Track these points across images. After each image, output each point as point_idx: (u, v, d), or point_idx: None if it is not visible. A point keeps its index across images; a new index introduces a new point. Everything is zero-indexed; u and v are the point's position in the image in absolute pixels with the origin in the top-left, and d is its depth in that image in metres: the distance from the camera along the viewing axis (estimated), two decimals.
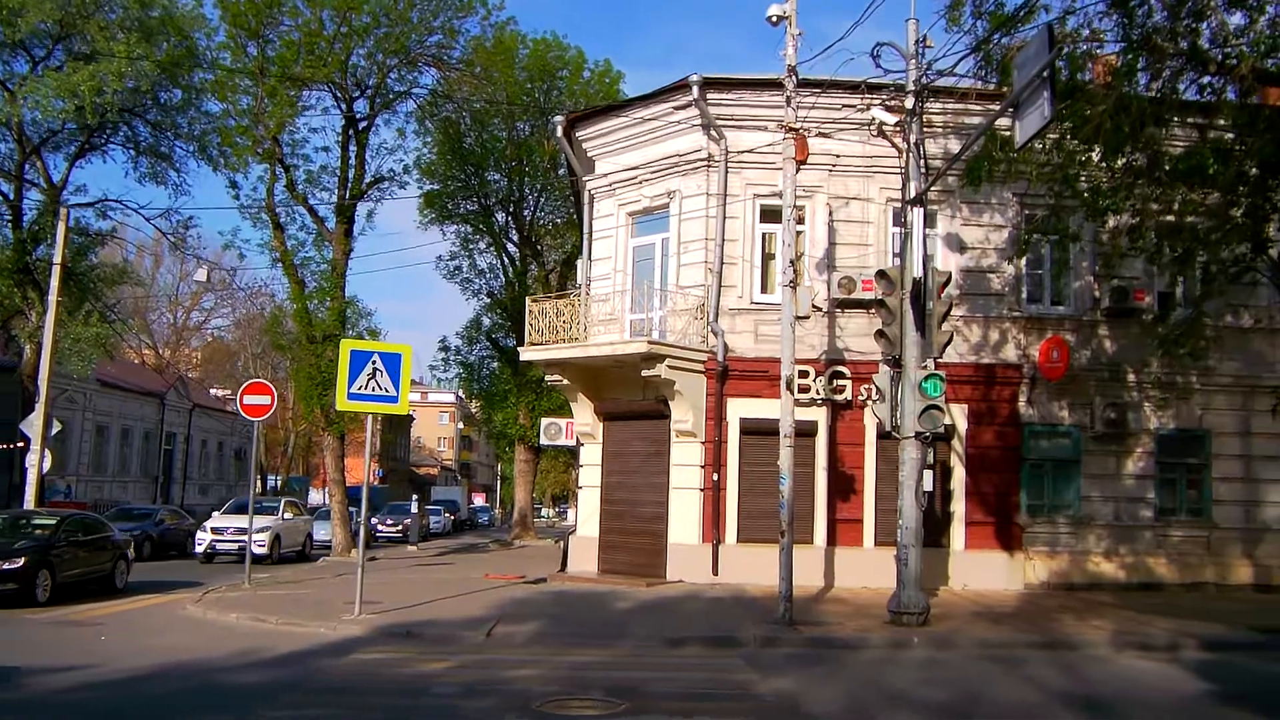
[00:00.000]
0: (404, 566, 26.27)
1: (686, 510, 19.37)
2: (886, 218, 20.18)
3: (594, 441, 21.04)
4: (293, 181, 29.67)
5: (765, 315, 19.73)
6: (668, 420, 19.72)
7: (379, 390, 15.01)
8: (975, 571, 19.47)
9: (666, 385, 19.03)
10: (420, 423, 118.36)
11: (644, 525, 20.02)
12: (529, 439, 38.29)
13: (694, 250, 19.98)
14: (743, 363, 19.52)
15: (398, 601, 16.42)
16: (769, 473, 18.81)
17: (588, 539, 20.92)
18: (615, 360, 19.37)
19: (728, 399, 19.53)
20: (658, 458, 19.99)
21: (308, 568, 25.84)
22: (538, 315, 20.23)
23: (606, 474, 20.85)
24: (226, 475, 59.26)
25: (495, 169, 39.98)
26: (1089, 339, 20.46)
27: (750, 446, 19.54)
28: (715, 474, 19.21)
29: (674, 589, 18.36)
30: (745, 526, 19.38)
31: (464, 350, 41.79)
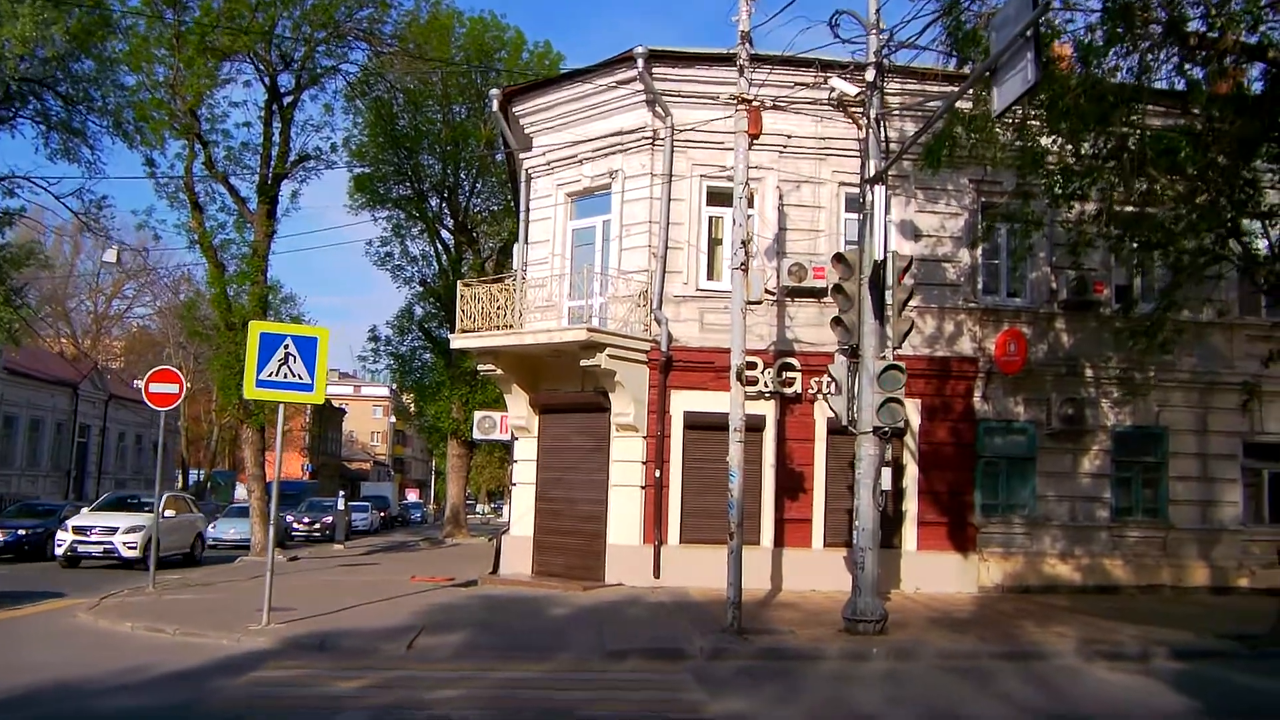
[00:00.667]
0: (327, 567, 24.81)
1: (627, 509, 18.25)
2: (839, 203, 19.24)
3: (529, 435, 19.83)
4: (212, 159, 27.97)
5: (712, 303, 18.70)
6: (608, 413, 18.59)
7: (292, 377, 13.68)
8: (928, 574, 18.61)
9: (606, 376, 17.89)
10: (353, 416, 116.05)
11: (582, 525, 18.87)
12: (462, 433, 36.92)
13: (637, 234, 18.85)
14: (688, 353, 18.45)
15: (314, 607, 15.07)
16: (715, 470, 17.85)
17: (521, 539, 19.71)
18: (552, 349, 18.19)
19: (671, 391, 18.45)
20: (597, 453, 18.85)
21: (225, 569, 24.25)
22: (470, 300, 18.95)
23: (542, 470, 19.66)
24: (146, 470, 56.77)
25: (430, 153, 38.50)
26: (1046, 332, 19.72)
27: (695, 442, 18.49)
28: (658, 470, 18.12)
29: (613, 593, 17.24)
30: (689, 526, 18.32)
31: (395, 341, 40.26)
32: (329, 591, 17.79)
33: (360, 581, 20.17)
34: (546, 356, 18.77)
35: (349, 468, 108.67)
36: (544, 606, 15.71)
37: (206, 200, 28.96)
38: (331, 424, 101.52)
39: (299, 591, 17.71)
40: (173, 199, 28.86)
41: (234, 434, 70.01)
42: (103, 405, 50.73)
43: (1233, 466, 20.13)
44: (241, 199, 28.61)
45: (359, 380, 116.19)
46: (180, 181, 28.36)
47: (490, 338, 18.39)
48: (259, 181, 28.03)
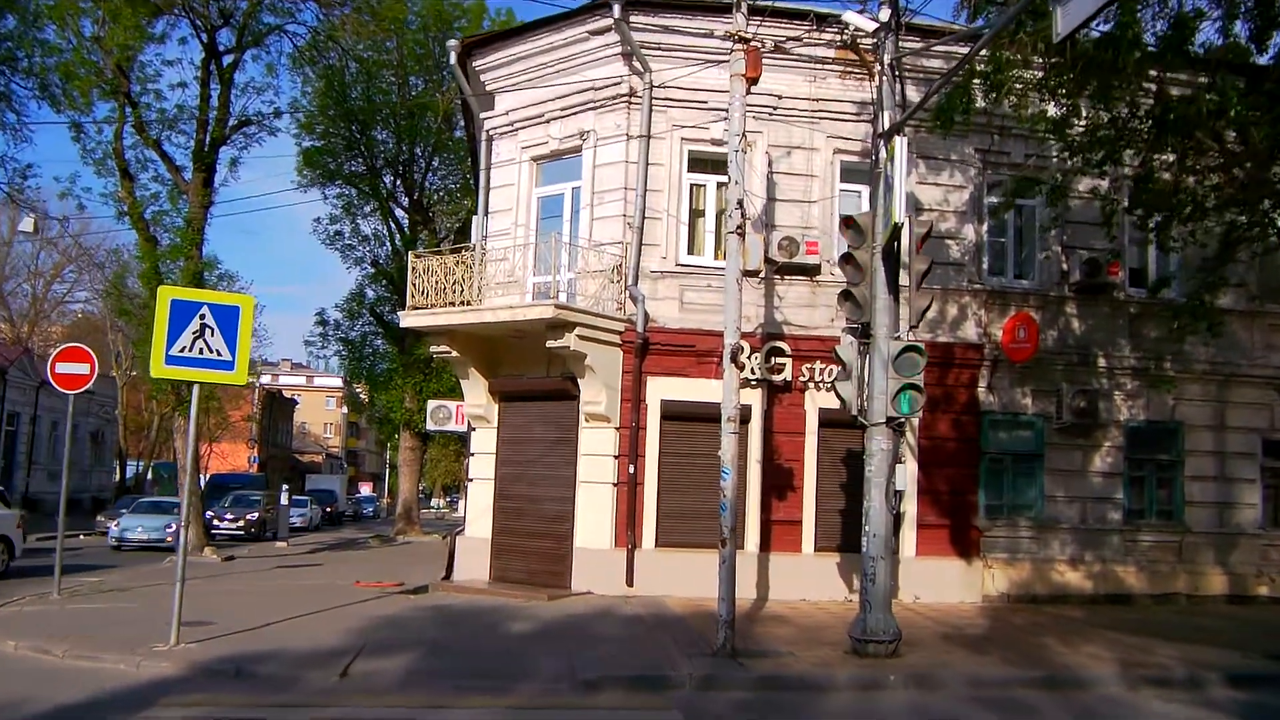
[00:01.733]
0: (264, 569, 22.64)
1: (597, 508, 16.33)
2: (834, 171, 17.42)
3: (488, 426, 17.83)
4: (143, 122, 25.67)
5: (692, 280, 16.82)
6: (576, 401, 16.66)
7: (209, 353, 11.64)
8: (928, 582, 16.87)
9: (576, 360, 15.96)
10: (306, 408, 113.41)
11: (546, 526, 16.92)
12: (415, 425, 34.77)
13: (610, 202, 16.91)
14: (666, 335, 16.55)
15: (238, 620, 13.04)
16: (695, 465, 16.08)
17: (478, 541, 17.71)
18: (515, 328, 16.21)
19: (648, 377, 16.55)
20: (564, 446, 16.90)
21: (150, 571, 22.00)
22: (422, 274, 16.92)
23: (502, 464, 17.67)
24: (82, 460, 53.98)
25: (385, 127, 36.30)
26: (1056, 317, 18.03)
27: (673, 434, 16.62)
28: (631, 466, 16.21)
29: (582, 603, 15.31)
30: (666, 528, 16.44)
31: (345, 326, 37.95)
32: (259, 600, 15.73)
33: (298, 587, 18.09)
34: (508, 337, 16.80)
35: (301, 460, 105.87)
36: (504, 620, 13.75)
37: (138, 168, 26.75)
38: (283, 415, 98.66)
39: (225, 600, 15.64)
40: (100, 166, 26.65)
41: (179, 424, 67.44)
42: (33, 391, 47.85)
43: (1251, 466, 18.58)
44: (176, 166, 26.38)
45: (312, 371, 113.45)
46: (109, 147, 26.19)
47: (445, 315, 16.38)
48: (195, 147, 25.77)
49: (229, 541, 31.69)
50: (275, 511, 33.66)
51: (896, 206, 11.27)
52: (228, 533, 32.80)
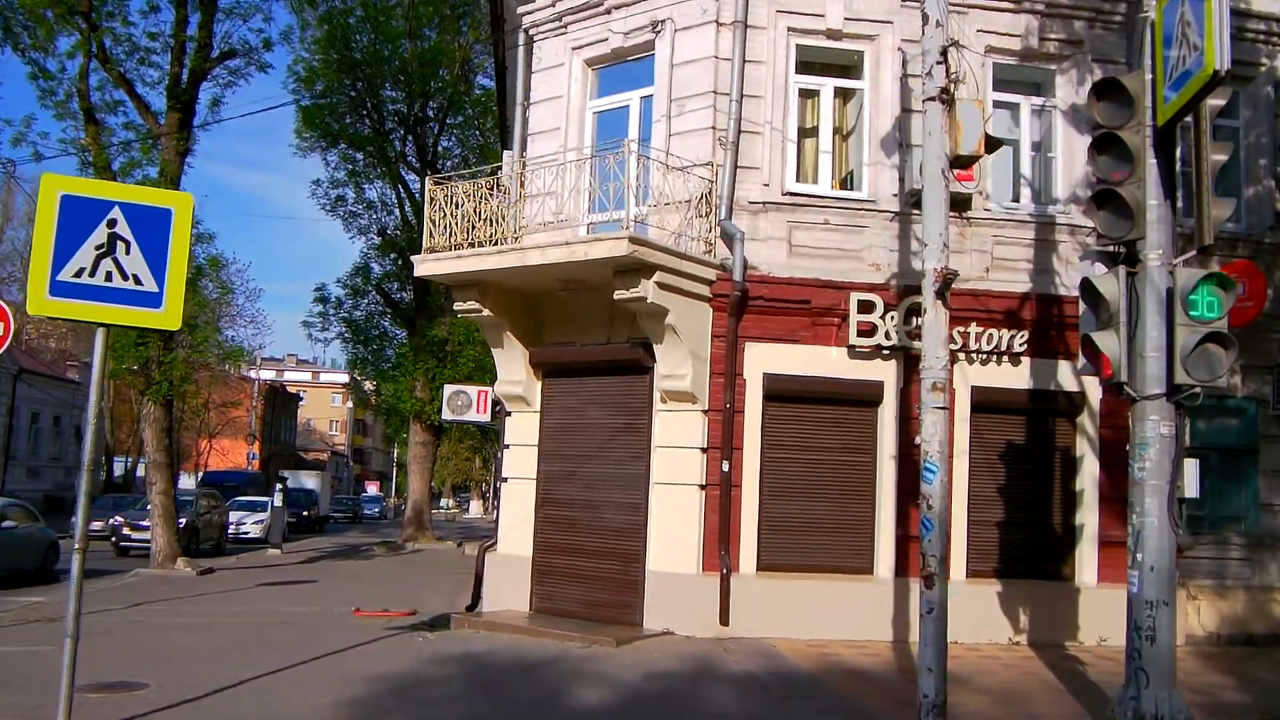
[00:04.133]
0: (244, 587, 18.48)
1: (677, 519, 12.11)
2: (986, 76, 13.17)
3: (528, 409, 13.61)
4: (106, 50, 21.52)
5: (805, 214, 12.63)
6: (649, 376, 12.48)
7: (120, 280, 7.41)
8: (1116, 617, 12.34)
9: (652, 318, 11.78)
10: (311, 404, 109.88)
11: (607, 541, 12.70)
12: (427, 416, 30.56)
13: (694, 111, 12.70)
14: (770, 286, 12.35)
15: (177, 681, 8.97)
16: (808, 462, 11.98)
17: (515, 559, 13.47)
18: (570, 275, 12.06)
19: (746, 344, 12.33)
20: (631, 435, 12.69)
21: (108, 589, 17.85)
22: (443, 206, 12.74)
23: (547, 459, 13.45)
24: (66, 456, 49.97)
25: (394, 83, 32.17)
26: (1270, 271, 13.75)
27: (780, 419, 12.43)
28: (725, 462, 11.99)
29: (663, 651, 11.09)
30: (771, 547, 12.25)
31: (348, 304, 33.70)
32: (223, 641, 11.57)
33: (279, 618, 13.94)
34: (558, 290, 12.61)
35: (304, 457, 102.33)
36: (565, 682, 9.53)
37: (105, 111, 22.61)
38: (286, 411, 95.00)
39: (176, 641, 11.52)
40: (62, 109, 22.51)
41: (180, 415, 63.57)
42: (11, 380, 43.85)
43: None
44: (146, 105, 22.26)
45: (318, 367, 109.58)
46: (73, 86, 22.15)
47: (474, 258, 12.19)
48: (169, 81, 21.64)
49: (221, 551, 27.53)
50: (217, 517, 28.80)
51: (1216, 45, 6.99)
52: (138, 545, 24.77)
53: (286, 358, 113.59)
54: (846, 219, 12.68)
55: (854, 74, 13.25)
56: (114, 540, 25.52)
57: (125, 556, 24.16)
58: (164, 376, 20.59)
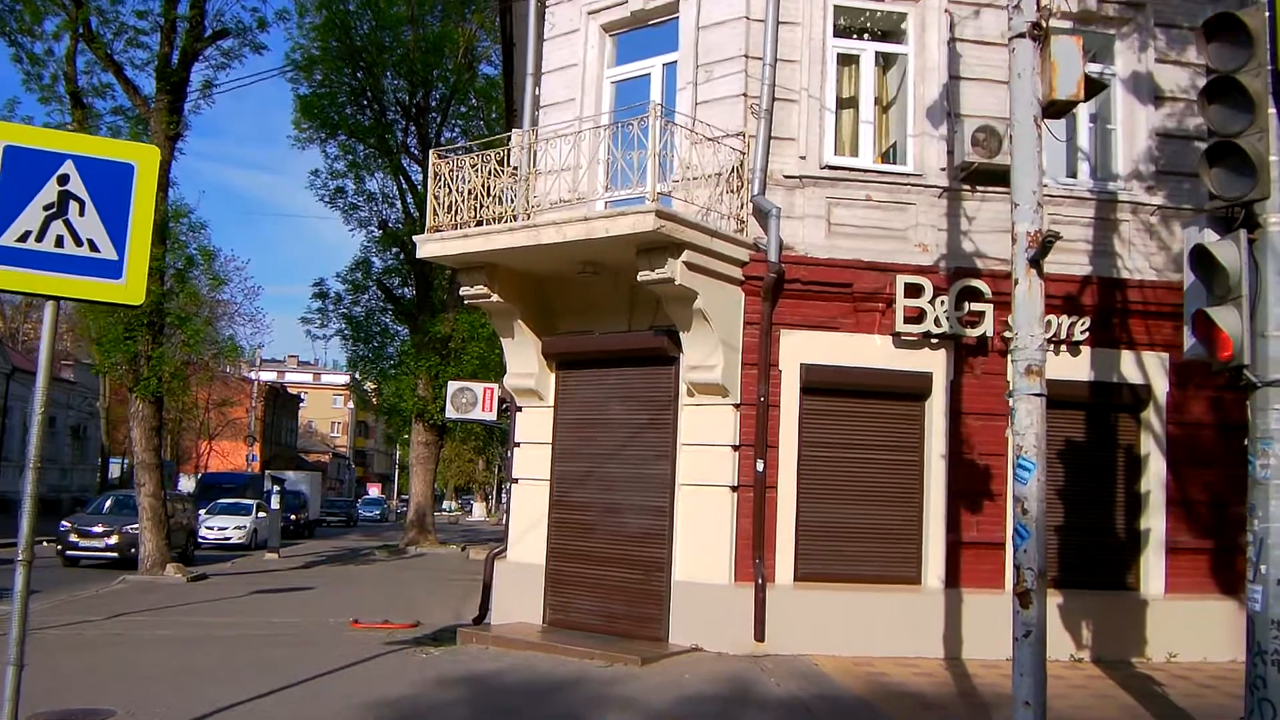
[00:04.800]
0: (236, 595, 17.39)
1: (707, 524, 11.00)
2: None
3: (540, 404, 12.50)
4: (92, 31, 20.46)
5: (846, 190, 11.52)
6: (675, 367, 11.37)
7: (72, 245, 6.32)
8: (1185, 631, 11.47)
9: (679, 302, 10.67)
10: (312, 406, 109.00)
11: (628, 548, 11.58)
12: (430, 414, 29.43)
13: (724, 78, 11.59)
14: (808, 268, 11.23)
15: (149, 709, 7.84)
16: (850, 461, 10.91)
17: (527, 567, 12.34)
18: (585, 257, 10.98)
19: (781, 331, 11.22)
20: (654, 432, 11.58)
21: (87, 600, 16.78)
22: (448, 181, 11.63)
23: (561, 458, 12.33)
24: (62, 456, 48.89)
25: (395, 71, 31.07)
26: None
27: (819, 414, 11.32)
28: (760, 461, 10.87)
29: (694, 670, 9.97)
30: (810, 555, 11.13)
31: (347, 300, 32.55)
32: (204, 659, 10.47)
33: (269, 630, 12.84)
34: (574, 273, 11.49)
35: (306, 459, 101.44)
36: (584, 710, 8.41)
37: (92, 96, 21.62)
38: (286, 412, 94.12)
39: (152, 659, 10.42)
40: (48, 92, 21.48)
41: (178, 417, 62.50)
42: (3, 380, 42.82)
43: None
44: (135, 88, 21.20)
45: (319, 368, 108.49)
46: (60, 69, 21.17)
47: (483, 237, 11.08)
48: (158, 62, 20.57)
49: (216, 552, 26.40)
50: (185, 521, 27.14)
51: None
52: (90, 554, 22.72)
53: (288, 359, 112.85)
54: (890, 195, 11.57)
55: (897, 38, 12.15)
56: (60, 550, 22.78)
57: (75, 567, 22.39)
58: (153, 372, 19.50)
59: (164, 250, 20.28)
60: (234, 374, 65.45)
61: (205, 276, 21.29)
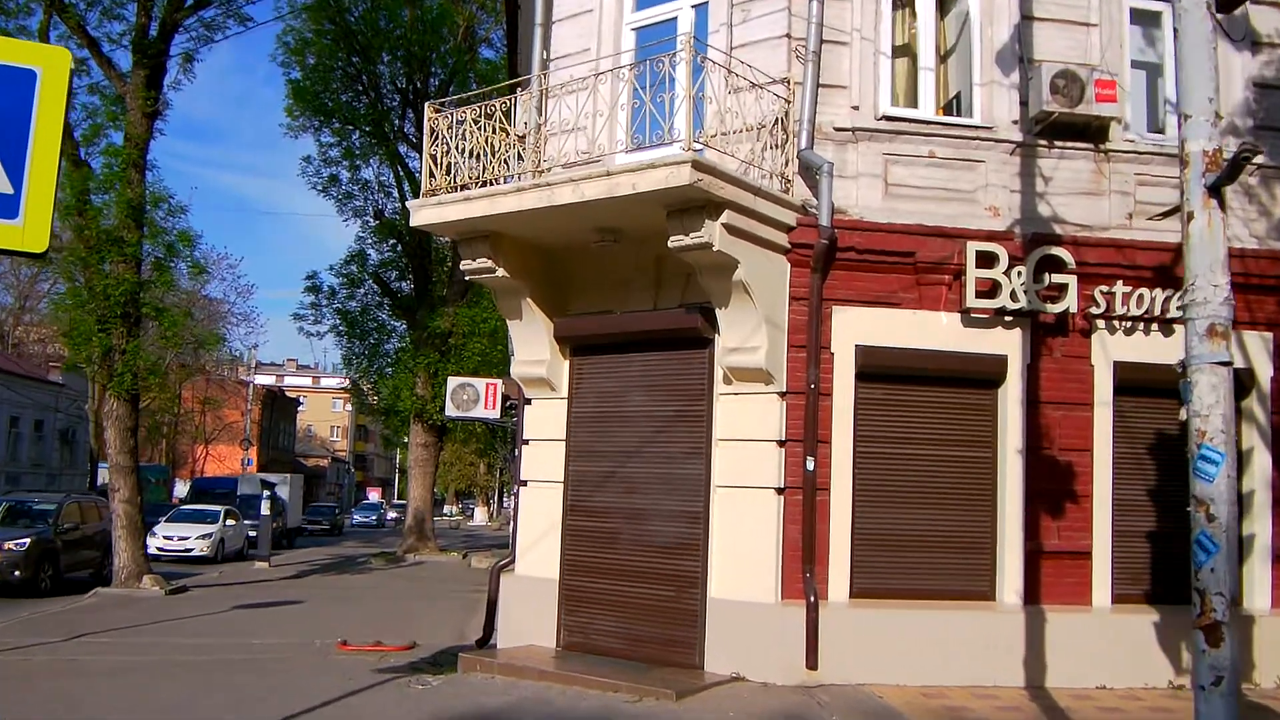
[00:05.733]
0: (216, 610, 15.87)
1: (748, 533, 9.44)
2: None
3: (552, 395, 10.94)
4: (64, 2, 18.99)
5: (905, 146, 9.99)
6: (709, 350, 9.83)
7: None
8: None
9: (716, 274, 9.13)
10: (311, 410, 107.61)
11: (656, 562, 10.02)
12: (429, 414, 27.88)
13: (764, 18, 10.05)
14: (864, 234, 9.68)
15: None
16: (913, 458, 9.34)
17: (538, 583, 10.77)
18: (605, 223, 9.47)
19: (833, 308, 9.67)
20: (686, 426, 10.02)
21: (55, 612, 15.27)
22: (445, 138, 10.08)
23: (577, 457, 10.77)
24: (49, 462, 47.34)
25: (391, 55, 29.57)
26: None
27: (878, 404, 9.79)
28: (809, 459, 9.31)
29: (739, 705, 8.42)
30: (868, 567, 9.59)
31: (342, 294, 30.94)
32: (162, 692, 8.95)
33: (245, 654, 11.29)
34: (592, 242, 9.95)
35: (304, 464, 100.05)
36: None
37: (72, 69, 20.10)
38: (285, 416, 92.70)
39: (105, 691, 8.90)
40: None
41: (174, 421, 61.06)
42: None
43: None
44: (111, 62, 19.74)
45: (319, 372, 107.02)
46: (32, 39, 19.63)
47: (486, 200, 9.52)
48: (135, 33, 19.09)
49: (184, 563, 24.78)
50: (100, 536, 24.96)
51: None
52: None
53: (286, 363, 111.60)
54: (956, 151, 10.03)
55: None
56: None
57: None
58: (127, 367, 17.95)
59: (140, 236, 18.78)
60: (230, 377, 64.03)
61: (186, 265, 19.74)
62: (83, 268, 18.58)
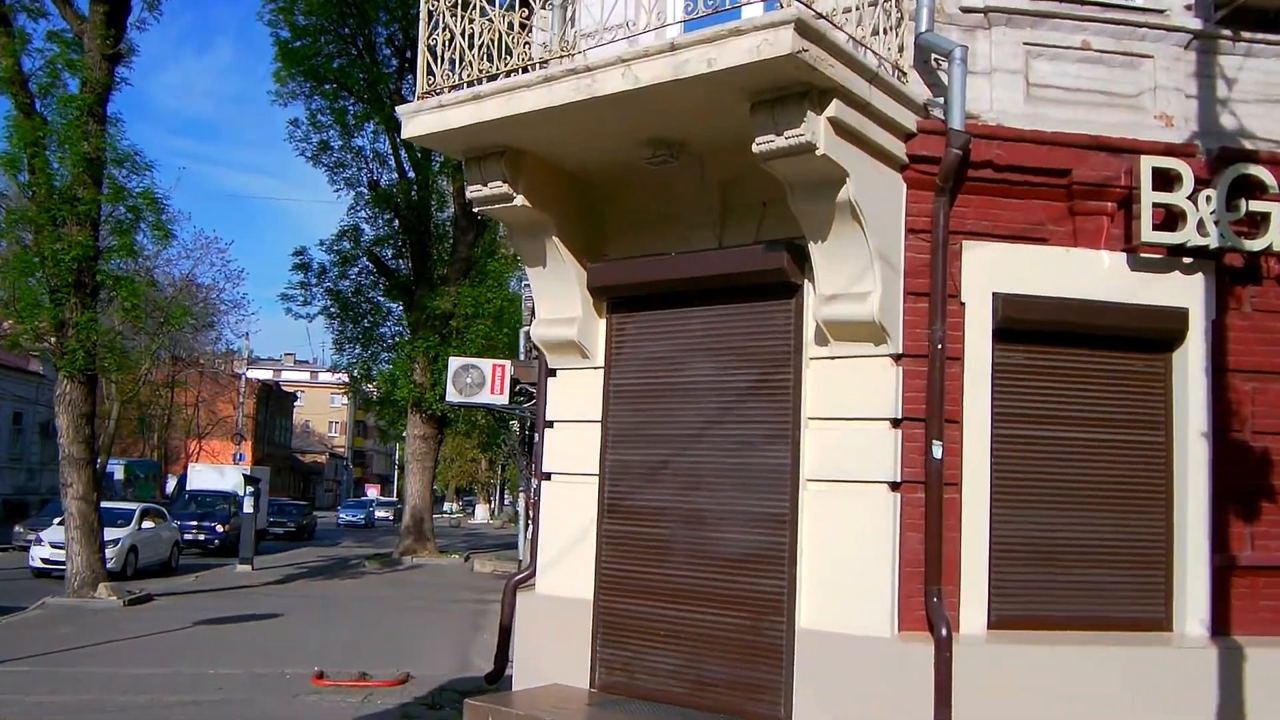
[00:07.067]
0: (177, 627, 13.55)
1: (852, 542, 7.05)
2: None
3: (583, 364, 8.54)
4: None
5: (1051, 33, 7.59)
6: (795, 302, 7.44)
7: None
8: None
9: (815, 191, 6.74)
10: (309, 405, 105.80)
11: (724, 579, 7.61)
12: (428, 403, 25.50)
13: None
14: (1003, 146, 7.27)
15: None
16: (1070, 441, 6.92)
17: (565, 604, 8.37)
18: (658, 130, 7.11)
19: (963, 244, 7.28)
20: (763, 402, 7.61)
21: None
22: (447, 22, 7.64)
23: (618, 443, 8.37)
24: (28, 456, 44.96)
25: (389, 12, 27.18)
26: None
27: (1022, 372, 7.40)
28: (937, 445, 6.92)
29: None
30: (1012, 588, 7.22)
31: (333, 272, 28.48)
32: None
33: (193, 692, 8.93)
34: (638, 158, 7.57)
35: (301, 460, 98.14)
36: None
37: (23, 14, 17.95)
38: (281, 411, 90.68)
39: None
40: None
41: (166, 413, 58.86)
42: None
43: None
44: (68, 2, 17.41)
45: (316, 366, 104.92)
46: None
47: (501, 97, 7.11)
48: None
49: None
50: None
51: None
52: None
53: (284, 357, 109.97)
54: (1116, 42, 7.64)
55: None
56: None
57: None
58: (80, 343, 15.58)
59: (97, 194, 16.42)
60: (224, 369, 61.77)
61: (150, 230, 17.32)
62: (33, 230, 16.24)
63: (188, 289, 33.17)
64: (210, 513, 30.59)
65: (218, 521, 29.77)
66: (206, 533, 29.32)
